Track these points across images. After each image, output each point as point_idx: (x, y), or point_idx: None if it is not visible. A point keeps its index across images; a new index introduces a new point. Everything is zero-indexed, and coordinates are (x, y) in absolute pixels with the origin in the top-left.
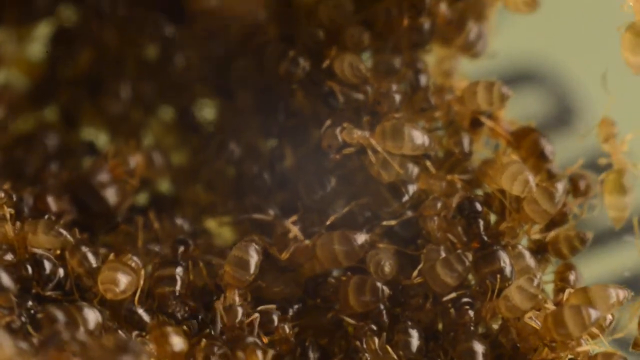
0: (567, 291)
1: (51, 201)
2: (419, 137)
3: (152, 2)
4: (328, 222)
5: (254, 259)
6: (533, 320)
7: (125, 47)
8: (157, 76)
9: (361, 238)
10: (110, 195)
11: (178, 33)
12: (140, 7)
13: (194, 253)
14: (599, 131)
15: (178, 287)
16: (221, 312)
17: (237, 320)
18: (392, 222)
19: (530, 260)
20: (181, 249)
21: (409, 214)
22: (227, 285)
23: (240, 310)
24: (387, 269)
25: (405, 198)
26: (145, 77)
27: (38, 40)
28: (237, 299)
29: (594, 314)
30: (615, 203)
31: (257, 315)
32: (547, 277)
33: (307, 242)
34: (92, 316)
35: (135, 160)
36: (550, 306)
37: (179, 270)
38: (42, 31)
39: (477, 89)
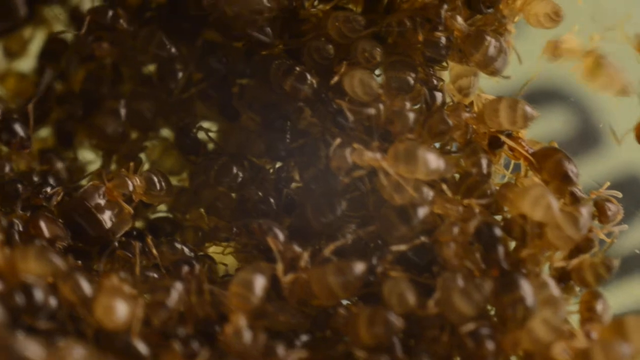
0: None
1: (44, 226)
2: (434, 161)
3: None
4: (327, 252)
5: (261, 281)
6: (563, 354)
7: (123, 64)
8: (156, 94)
9: (359, 267)
10: (107, 219)
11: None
12: (146, 24)
13: (200, 276)
14: (545, 52)
15: (173, 300)
16: (229, 338)
17: (247, 344)
18: (402, 247)
19: (554, 289)
20: (185, 269)
21: (423, 239)
22: (232, 309)
23: (248, 334)
24: (411, 300)
25: (414, 222)
26: (143, 95)
27: (30, 56)
28: (243, 323)
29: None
30: (601, 82)
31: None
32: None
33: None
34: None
35: (133, 183)
36: (580, 338)
37: (178, 285)
38: (34, 47)
39: (499, 107)
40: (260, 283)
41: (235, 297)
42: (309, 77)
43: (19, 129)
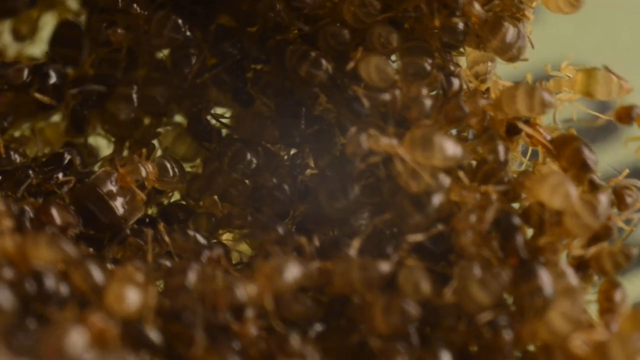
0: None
1: (55, 213)
2: (451, 148)
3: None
4: (352, 249)
5: (294, 271)
6: (581, 346)
7: (137, 49)
8: (169, 79)
9: (385, 266)
10: (119, 205)
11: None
12: (159, 8)
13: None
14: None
15: (191, 280)
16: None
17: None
18: (419, 237)
19: (573, 278)
20: (206, 254)
21: (440, 227)
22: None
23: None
24: (425, 289)
25: (429, 210)
26: (156, 80)
27: (41, 41)
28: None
29: None
30: (603, 89)
31: None
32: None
33: (328, 265)
34: None
35: (146, 170)
36: (599, 329)
37: (194, 266)
38: (45, 34)
39: (516, 93)
40: (293, 272)
41: (264, 277)
42: (324, 62)
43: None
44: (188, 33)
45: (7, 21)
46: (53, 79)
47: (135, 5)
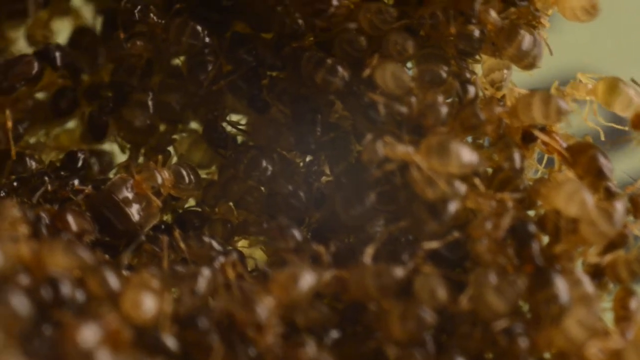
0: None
1: (71, 220)
2: (467, 155)
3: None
4: (366, 256)
5: (308, 280)
6: (597, 354)
7: (153, 56)
8: (184, 86)
9: (399, 272)
10: (135, 212)
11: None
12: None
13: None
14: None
15: (201, 286)
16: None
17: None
18: (434, 244)
19: (588, 286)
20: (221, 260)
21: (456, 234)
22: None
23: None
24: (441, 296)
25: (445, 217)
26: (171, 87)
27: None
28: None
29: None
30: (623, 103)
31: None
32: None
33: (343, 272)
34: None
35: (162, 177)
36: (614, 337)
37: (205, 271)
38: (60, 40)
39: (532, 101)
40: (308, 281)
41: (279, 286)
42: (340, 69)
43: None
44: (207, 39)
45: (22, 27)
46: (60, 58)
47: (152, 15)
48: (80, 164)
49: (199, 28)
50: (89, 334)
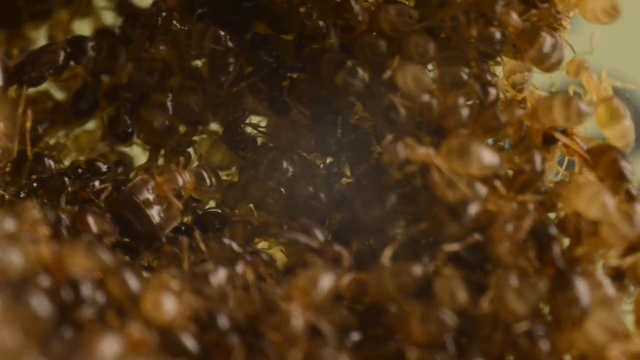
0: None
1: (92, 221)
2: (488, 157)
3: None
4: (385, 257)
5: (328, 282)
6: (619, 357)
7: (173, 59)
8: (204, 87)
9: (417, 270)
10: (156, 214)
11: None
12: (198, 19)
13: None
14: (568, 68)
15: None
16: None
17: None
18: (455, 247)
19: (609, 289)
20: (246, 259)
21: (476, 237)
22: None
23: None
24: (462, 299)
25: (465, 220)
26: (191, 88)
27: None
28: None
29: None
30: (617, 132)
31: None
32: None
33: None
34: None
35: (184, 179)
36: (636, 340)
37: (221, 272)
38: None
39: (553, 104)
40: (328, 283)
41: (299, 290)
42: (360, 71)
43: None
44: (230, 43)
45: (43, 28)
46: (89, 53)
47: (175, 22)
48: (103, 170)
49: (221, 33)
50: (110, 347)
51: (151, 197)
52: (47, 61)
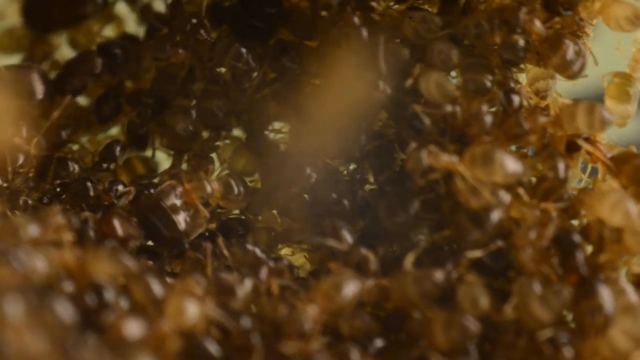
0: None
1: (118, 224)
2: (512, 165)
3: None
4: (406, 263)
5: (352, 288)
6: None
7: (196, 64)
8: (227, 92)
9: (439, 276)
10: (181, 220)
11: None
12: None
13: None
14: None
15: (240, 299)
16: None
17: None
18: (477, 253)
19: (633, 296)
20: (270, 265)
21: (499, 244)
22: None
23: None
24: (484, 305)
25: (487, 226)
26: (214, 93)
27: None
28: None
29: None
30: (619, 110)
31: None
32: None
33: (385, 281)
34: None
35: (212, 187)
36: None
37: (246, 282)
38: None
39: (576, 111)
40: (352, 289)
41: (322, 295)
42: (381, 84)
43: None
44: (252, 62)
45: (65, 33)
46: (119, 57)
47: (202, 31)
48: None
49: (243, 50)
50: (135, 328)
51: (178, 202)
52: (86, 69)
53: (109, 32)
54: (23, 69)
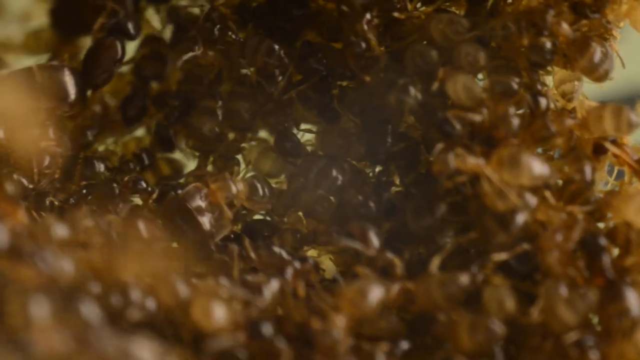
0: None
1: (142, 226)
2: (538, 167)
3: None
4: (432, 266)
5: (377, 293)
6: None
7: (223, 65)
8: (254, 94)
9: (464, 279)
10: (206, 222)
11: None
12: (256, 32)
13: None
14: None
15: (265, 300)
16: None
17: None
18: (503, 256)
19: None
20: (295, 265)
21: (525, 246)
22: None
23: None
24: (510, 307)
25: (513, 229)
26: (241, 95)
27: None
28: (340, 324)
29: None
30: None
31: None
32: None
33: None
34: None
35: (237, 188)
36: None
37: (273, 284)
38: (130, 47)
39: (603, 114)
40: (377, 294)
41: (347, 300)
42: (412, 89)
43: None
44: (285, 59)
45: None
46: (133, 29)
47: (230, 33)
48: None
49: (275, 46)
50: None
51: (203, 204)
52: (109, 57)
53: None
54: (56, 69)
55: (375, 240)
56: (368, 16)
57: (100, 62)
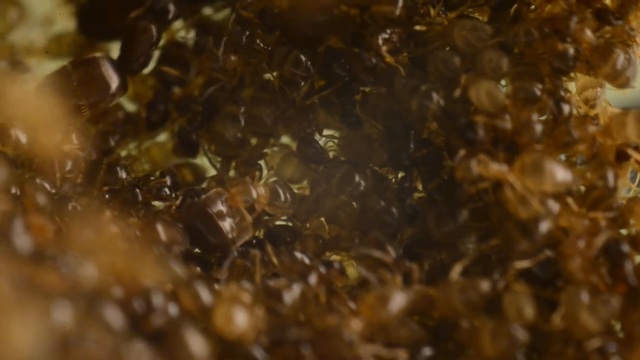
0: None
1: (161, 230)
2: (561, 174)
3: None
4: (454, 273)
5: (399, 301)
6: None
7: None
8: (276, 100)
9: (484, 286)
10: (227, 227)
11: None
12: (283, 42)
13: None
14: None
15: (286, 304)
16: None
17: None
18: (526, 263)
19: None
20: (321, 270)
21: (547, 253)
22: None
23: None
24: (529, 314)
25: (536, 236)
26: (263, 101)
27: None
28: (356, 327)
29: None
30: None
31: None
32: None
33: (431, 290)
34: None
35: (257, 192)
36: None
37: (295, 288)
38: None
39: (626, 120)
40: (397, 302)
41: (367, 307)
42: (435, 95)
43: None
44: (311, 69)
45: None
46: (171, 13)
47: (258, 41)
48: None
49: (302, 57)
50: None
51: (224, 209)
52: (145, 40)
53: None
54: (90, 62)
55: (392, 252)
56: (386, 34)
57: (137, 46)
